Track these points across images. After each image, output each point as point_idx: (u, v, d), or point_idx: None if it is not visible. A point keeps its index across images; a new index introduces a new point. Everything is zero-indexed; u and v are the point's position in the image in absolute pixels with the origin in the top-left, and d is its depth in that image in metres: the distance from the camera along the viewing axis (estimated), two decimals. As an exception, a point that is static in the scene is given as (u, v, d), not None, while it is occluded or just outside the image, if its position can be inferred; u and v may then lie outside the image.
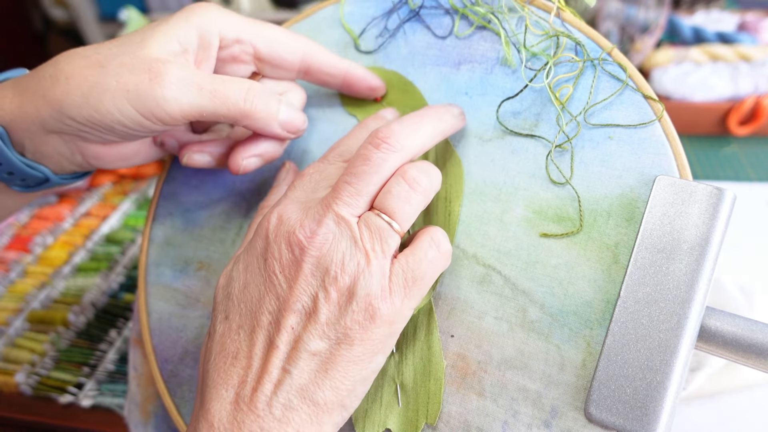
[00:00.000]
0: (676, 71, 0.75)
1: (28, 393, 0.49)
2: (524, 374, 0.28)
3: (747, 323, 0.26)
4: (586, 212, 0.29)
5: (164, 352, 0.36)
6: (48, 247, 0.66)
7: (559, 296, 0.28)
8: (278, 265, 0.26)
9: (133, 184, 0.76)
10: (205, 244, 0.37)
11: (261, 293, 0.26)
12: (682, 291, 0.25)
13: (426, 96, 0.34)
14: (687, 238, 0.26)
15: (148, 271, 0.38)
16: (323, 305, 0.25)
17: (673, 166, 0.28)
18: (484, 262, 0.30)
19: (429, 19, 0.35)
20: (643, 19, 0.76)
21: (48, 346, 0.53)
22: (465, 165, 0.32)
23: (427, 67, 0.34)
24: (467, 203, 0.31)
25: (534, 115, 0.31)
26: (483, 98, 0.32)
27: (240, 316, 0.27)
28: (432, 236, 0.28)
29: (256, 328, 0.26)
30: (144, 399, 0.41)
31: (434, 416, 0.29)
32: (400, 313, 0.26)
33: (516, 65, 0.32)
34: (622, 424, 0.25)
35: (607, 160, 0.29)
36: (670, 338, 0.25)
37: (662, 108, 0.29)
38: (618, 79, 0.30)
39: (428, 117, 0.30)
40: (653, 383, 0.25)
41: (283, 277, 0.26)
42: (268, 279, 0.26)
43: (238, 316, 0.27)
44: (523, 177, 0.30)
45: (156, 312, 0.37)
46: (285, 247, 0.26)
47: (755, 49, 0.77)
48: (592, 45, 0.31)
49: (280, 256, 0.26)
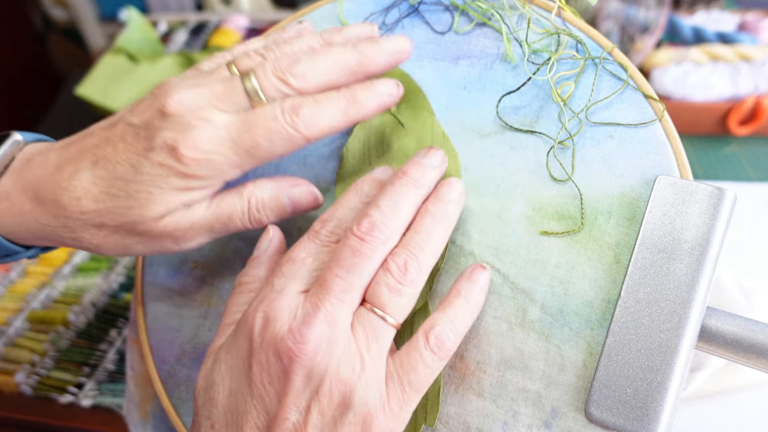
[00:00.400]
0: (676, 71, 0.75)
1: (28, 393, 0.49)
2: (524, 374, 0.28)
3: (747, 323, 0.25)
4: (587, 211, 0.29)
5: (161, 352, 0.36)
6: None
7: (559, 296, 0.28)
8: (266, 376, 0.24)
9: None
10: None
11: (248, 405, 0.24)
12: (683, 291, 0.25)
13: (423, 89, 0.34)
14: (688, 238, 0.26)
15: (144, 271, 0.38)
16: (316, 419, 0.23)
17: (674, 165, 0.28)
18: (482, 260, 0.30)
19: (428, 15, 0.35)
20: (644, 19, 0.76)
21: (48, 346, 0.53)
22: (462, 160, 0.32)
23: (425, 60, 0.34)
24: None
25: (534, 111, 0.31)
26: (482, 93, 0.32)
27: (227, 428, 0.24)
28: (427, 334, 0.26)
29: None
30: (142, 399, 0.41)
31: (433, 418, 0.29)
32: (399, 419, 0.25)
33: (517, 60, 0.32)
34: (623, 425, 0.25)
35: (608, 158, 0.29)
36: (671, 338, 0.25)
37: (663, 108, 0.29)
38: (619, 79, 0.30)
39: (410, 191, 0.27)
40: (654, 383, 0.25)
41: (272, 389, 0.24)
42: (256, 390, 0.24)
43: (225, 428, 0.25)
44: (523, 173, 0.30)
45: (152, 312, 0.37)
46: (273, 356, 0.23)
47: (755, 49, 0.77)
48: (592, 44, 0.31)
49: (268, 365, 0.24)
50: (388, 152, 0.33)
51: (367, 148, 0.34)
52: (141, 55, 0.86)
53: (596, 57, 0.30)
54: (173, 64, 0.85)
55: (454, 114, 0.33)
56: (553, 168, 0.30)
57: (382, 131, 0.34)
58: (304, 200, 0.30)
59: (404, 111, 0.34)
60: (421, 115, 0.33)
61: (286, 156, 0.36)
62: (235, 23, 0.99)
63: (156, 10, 1.17)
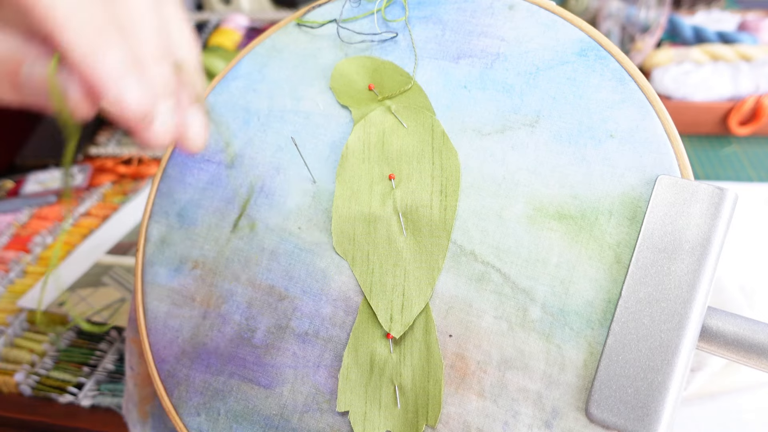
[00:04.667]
0: (676, 71, 0.75)
1: (27, 393, 0.49)
2: (525, 374, 0.28)
3: (748, 323, 0.25)
4: (588, 210, 0.29)
5: (161, 352, 0.36)
6: (48, 247, 0.66)
7: (560, 295, 0.28)
8: None
9: (133, 184, 0.76)
10: (199, 242, 0.36)
11: None
12: (684, 291, 0.25)
13: (423, 88, 0.34)
14: (689, 237, 0.26)
15: (144, 271, 0.38)
16: None
17: (675, 165, 0.28)
18: (482, 260, 0.30)
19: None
20: (644, 19, 0.76)
21: (48, 346, 0.53)
22: (462, 159, 0.32)
23: (425, 59, 0.34)
24: (464, 198, 0.31)
25: (535, 111, 0.31)
26: (482, 92, 0.32)
27: None
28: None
29: None
30: (141, 399, 0.41)
31: (435, 418, 0.29)
32: None
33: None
34: (624, 425, 0.25)
35: (609, 158, 0.29)
36: (672, 338, 0.25)
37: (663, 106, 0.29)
38: (620, 78, 0.30)
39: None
40: (655, 383, 0.25)
41: None
42: None
43: None
44: (524, 173, 0.30)
45: (152, 311, 0.37)
46: None
47: (756, 49, 0.77)
48: (593, 44, 0.31)
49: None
50: (389, 151, 0.33)
51: (367, 148, 0.34)
52: (141, 55, 0.86)
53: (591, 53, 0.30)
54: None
55: (454, 113, 0.33)
56: (554, 166, 0.30)
57: (383, 130, 0.34)
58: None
59: (404, 110, 0.34)
60: (421, 114, 0.33)
61: (285, 156, 0.36)
62: (235, 23, 0.99)
63: (156, 9, 1.16)
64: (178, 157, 0.39)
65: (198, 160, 0.38)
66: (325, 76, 0.36)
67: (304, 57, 0.37)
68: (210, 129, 0.36)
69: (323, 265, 0.33)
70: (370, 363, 0.31)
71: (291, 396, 0.32)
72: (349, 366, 0.31)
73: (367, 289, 0.32)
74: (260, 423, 0.32)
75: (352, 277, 0.32)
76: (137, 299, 0.37)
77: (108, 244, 0.64)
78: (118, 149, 0.81)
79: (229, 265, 0.35)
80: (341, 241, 0.33)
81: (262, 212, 0.35)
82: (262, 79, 0.38)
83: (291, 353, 0.33)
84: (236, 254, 0.35)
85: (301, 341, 0.33)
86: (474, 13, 0.34)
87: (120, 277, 0.58)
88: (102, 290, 0.56)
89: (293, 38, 0.38)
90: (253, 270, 0.35)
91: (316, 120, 0.36)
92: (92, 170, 0.78)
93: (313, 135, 0.36)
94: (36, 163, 0.81)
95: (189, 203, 0.37)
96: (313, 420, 0.31)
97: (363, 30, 0.36)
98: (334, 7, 0.37)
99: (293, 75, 0.37)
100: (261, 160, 0.36)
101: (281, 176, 0.36)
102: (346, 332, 0.32)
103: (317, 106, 0.36)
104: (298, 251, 0.34)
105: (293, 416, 0.32)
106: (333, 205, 0.34)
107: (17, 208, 0.73)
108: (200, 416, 0.34)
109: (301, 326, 0.33)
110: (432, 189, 0.32)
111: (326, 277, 0.33)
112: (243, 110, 0.38)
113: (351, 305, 0.32)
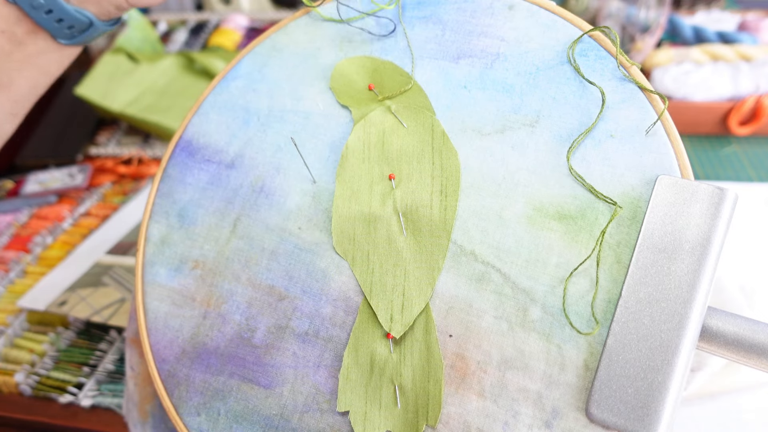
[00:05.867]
0: (676, 71, 0.75)
1: (27, 393, 0.49)
2: (525, 374, 0.28)
3: (748, 323, 0.25)
4: (588, 210, 0.29)
5: (161, 352, 0.36)
6: (47, 247, 0.66)
7: (560, 295, 0.28)
8: None
9: (133, 184, 0.76)
10: (199, 242, 0.36)
11: None
12: (684, 291, 0.25)
13: (423, 88, 0.34)
14: (689, 237, 0.26)
15: (144, 271, 0.38)
16: None
17: (675, 165, 0.28)
18: (482, 260, 0.30)
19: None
20: (644, 19, 0.76)
21: (48, 346, 0.53)
22: (462, 159, 0.32)
23: (425, 60, 0.34)
24: (464, 198, 0.31)
25: (535, 111, 0.31)
26: (482, 92, 0.32)
27: None
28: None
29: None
30: (142, 399, 0.41)
31: (435, 418, 0.29)
32: None
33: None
34: (624, 425, 0.25)
35: (609, 158, 0.29)
36: (672, 338, 0.25)
37: (664, 106, 0.29)
38: (620, 78, 0.30)
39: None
40: (655, 383, 0.25)
41: None
42: None
43: None
44: (524, 173, 0.30)
45: (152, 311, 0.37)
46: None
47: (756, 49, 0.77)
48: (593, 44, 0.31)
49: None
50: (389, 151, 0.33)
51: (367, 148, 0.34)
52: (141, 55, 0.86)
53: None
54: (173, 63, 0.85)
55: (454, 113, 0.33)
56: (553, 166, 0.30)
57: (383, 130, 0.34)
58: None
59: (404, 110, 0.34)
60: (421, 114, 0.33)
61: (285, 156, 0.36)
62: (235, 23, 0.99)
63: (156, 9, 1.17)
64: (179, 158, 0.39)
65: (198, 160, 0.38)
66: (325, 76, 0.36)
67: (304, 57, 0.37)
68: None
69: (323, 265, 0.33)
70: (371, 363, 0.31)
71: (291, 396, 0.32)
72: (350, 366, 0.31)
73: (367, 289, 0.32)
74: (260, 423, 0.32)
75: (352, 277, 0.32)
76: (137, 299, 0.37)
77: (108, 244, 0.64)
78: (118, 149, 0.81)
79: (229, 265, 0.35)
80: (341, 241, 0.33)
81: (262, 212, 0.35)
82: (262, 79, 0.38)
83: (291, 353, 0.33)
84: (236, 254, 0.35)
85: (301, 341, 0.33)
86: (474, 13, 0.34)
87: (120, 277, 0.58)
88: (102, 290, 0.56)
89: (293, 38, 0.38)
90: (253, 270, 0.35)
91: (316, 120, 0.36)
92: (92, 170, 0.78)
93: (313, 135, 0.36)
94: (36, 163, 0.81)
95: (189, 203, 0.38)
96: (313, 420, 0.31)
97: (361, 8, 0.36)
98: (331, 5, 0.37)
99: (293, 75, 0.37)
100: (261, 160, 0.36)
101: (281, 176, 0.36)
102: (346, 332, 0.32)
103: (317, 106, 0.36)
104: (298, 251, 0.34)
105: (293, 416, 0.32)
106: (333, 205, 0.34)
107: (17, 208, 0.73)
108: (200, 416, 0.34)
109: (301, 326, 0.33)
110: (432, 189, 0.32)
111: (326, 277, 0.33)
112: (243, 110, 0.38)
113: (351, 305, 0.32)
